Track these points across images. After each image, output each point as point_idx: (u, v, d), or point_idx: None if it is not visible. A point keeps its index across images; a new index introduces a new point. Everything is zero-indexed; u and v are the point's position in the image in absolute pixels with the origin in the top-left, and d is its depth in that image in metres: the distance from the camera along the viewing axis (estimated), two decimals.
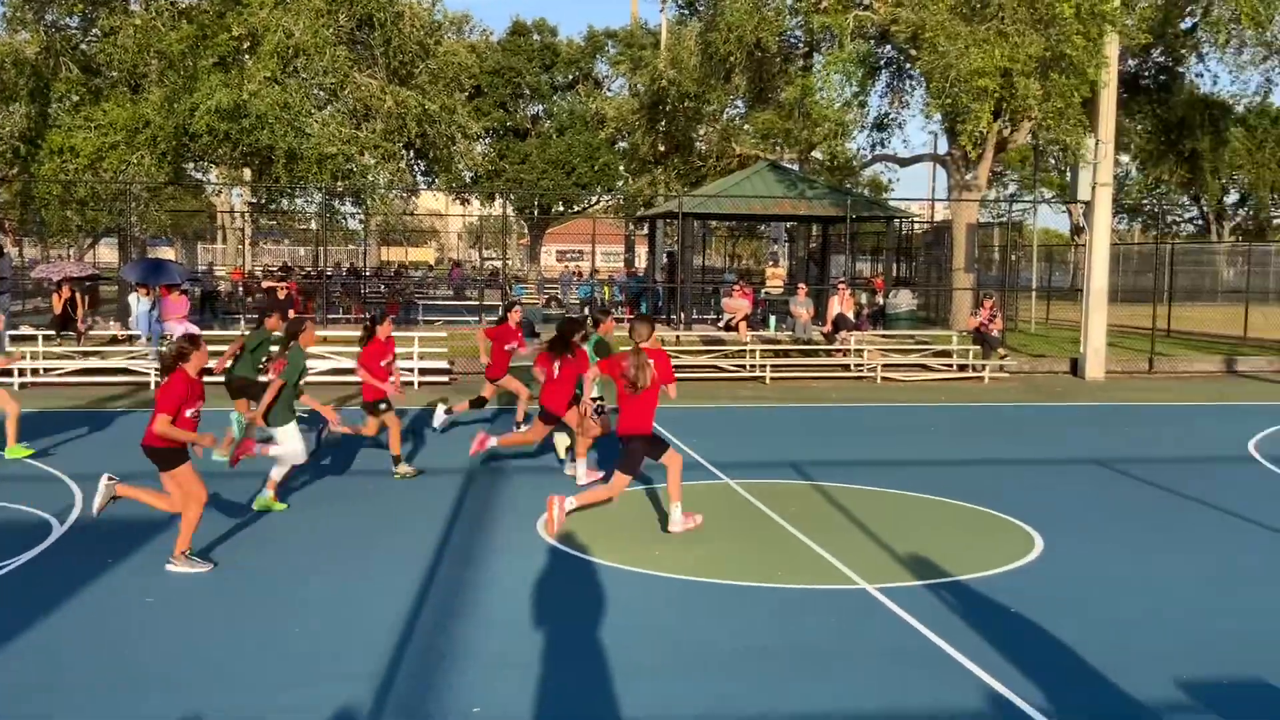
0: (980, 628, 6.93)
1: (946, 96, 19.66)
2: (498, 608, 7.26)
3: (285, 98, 24.33)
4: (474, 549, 8.60)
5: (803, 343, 21.71)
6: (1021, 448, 13.79)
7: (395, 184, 29.26)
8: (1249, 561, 8.61)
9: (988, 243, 37.71)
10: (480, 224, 51.83)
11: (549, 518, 9.01)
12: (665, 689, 6.00)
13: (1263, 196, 56.57)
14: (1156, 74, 32.23)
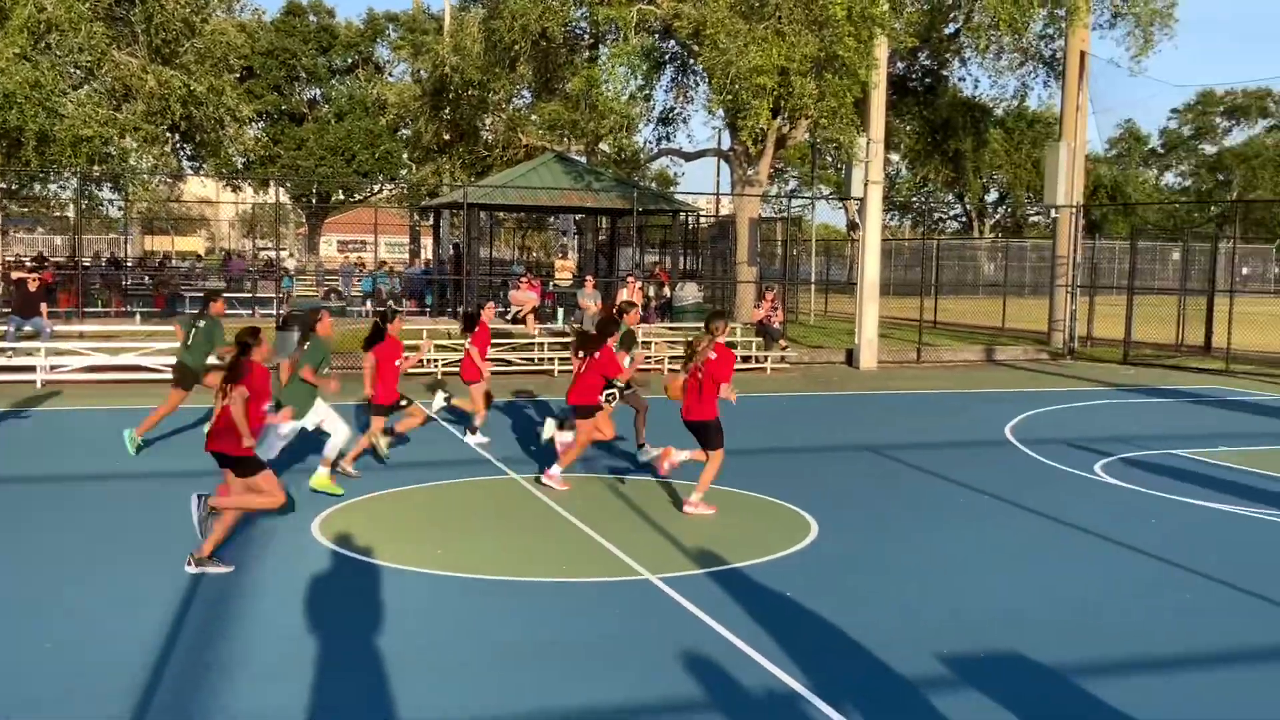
0: (758, 612, 7.18)
1: (727, 93, 20.20)
2: (272, 615, 7.02)
3: (36, 76, 22.73)
4: (246, 554, 8.28)
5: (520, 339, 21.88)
6: (799, 436, 14.34)
7: (159, 169, 27.79)
8: (1007, 540, 9.24)
9: (770, 237, 39.00)
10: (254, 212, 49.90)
11: (663, 465, 9.79)
12: (447, 690, 5.95)
13: (1019, 195, 60.70)
14: (923, 77, 34.05)
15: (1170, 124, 73.29)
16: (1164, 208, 63.02)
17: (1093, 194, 58.14)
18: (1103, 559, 8.68)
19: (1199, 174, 72.66)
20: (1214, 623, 7.19)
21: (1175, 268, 47.66)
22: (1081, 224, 26.73)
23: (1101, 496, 10.91)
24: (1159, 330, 26.23)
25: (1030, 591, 7.83)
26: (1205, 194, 69.25)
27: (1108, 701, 5.85)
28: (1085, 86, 26.71)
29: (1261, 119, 72.49)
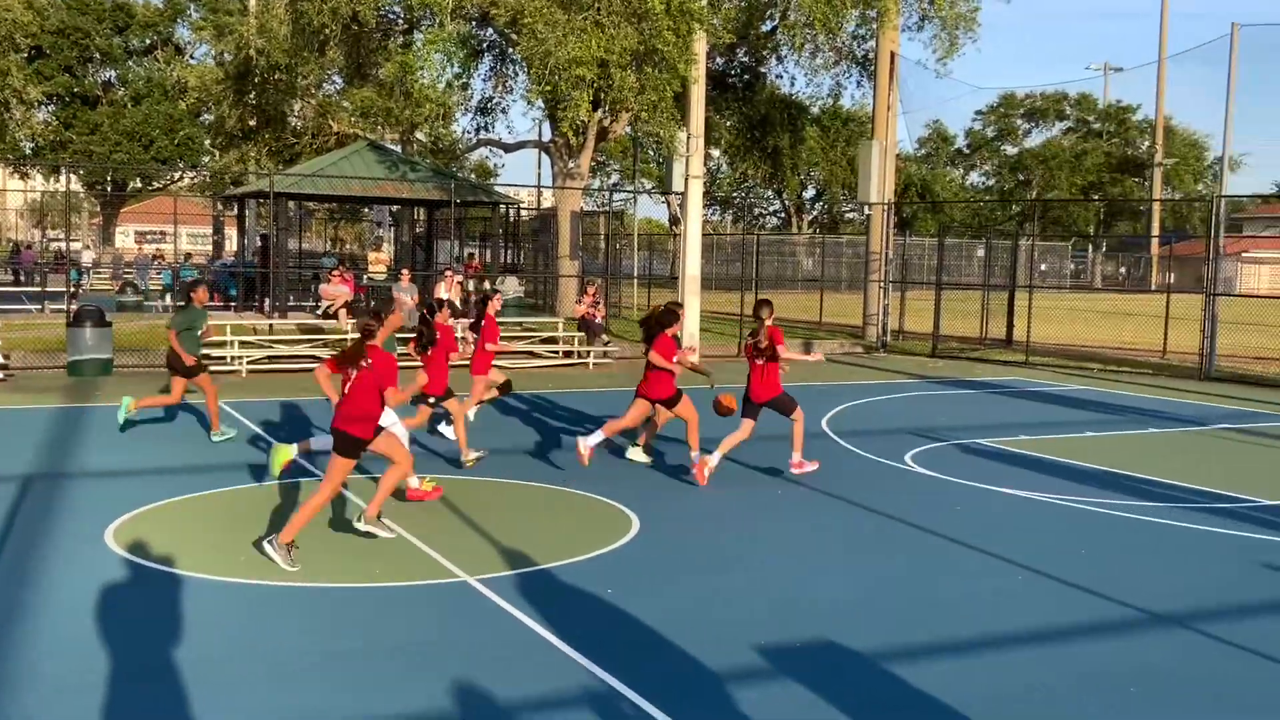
0: (578, 611, 7.16)
1: (546, 84, 20.15)
2: (60, 628, 6.60)
3: None
4: (32, 565, 7.77)
5: (407, 331, 21.46)
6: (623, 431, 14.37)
7: None
8: (823, 531, 9.49)
9: (592, 230, 39.15)
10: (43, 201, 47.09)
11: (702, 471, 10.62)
12: (252, 703, 5.71)
13: (835, 192, 62.75)
14: (742, 73, 34.78)
15: (975, 125, 77.11)
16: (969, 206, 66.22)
17: (904, 192, 60.61)
18: (913, 546, 9.01)
19: (1001, 174, 76.66)
20: (1017, 605, 7.54)
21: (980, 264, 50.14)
22: (893, 221, 27.78)
23: (912, 485, 11.33)
24: (965, 324, 27.50)
25: (844, 581, 8.05)
26: (1007, 193, 73.11)
27: (917, 685, 6.06)
28: (895, 87, 27.75)
29: (1058, 121, 77.03)
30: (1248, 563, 8.62)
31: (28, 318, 24.23)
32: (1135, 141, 73.63)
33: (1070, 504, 10.48)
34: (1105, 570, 8.32)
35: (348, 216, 53.34)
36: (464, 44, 22.39)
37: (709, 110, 25.90)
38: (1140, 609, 7.43)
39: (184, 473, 11.00)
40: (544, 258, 30.68)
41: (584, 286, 23.89)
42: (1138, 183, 72.08)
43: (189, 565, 7.89)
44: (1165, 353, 24.29)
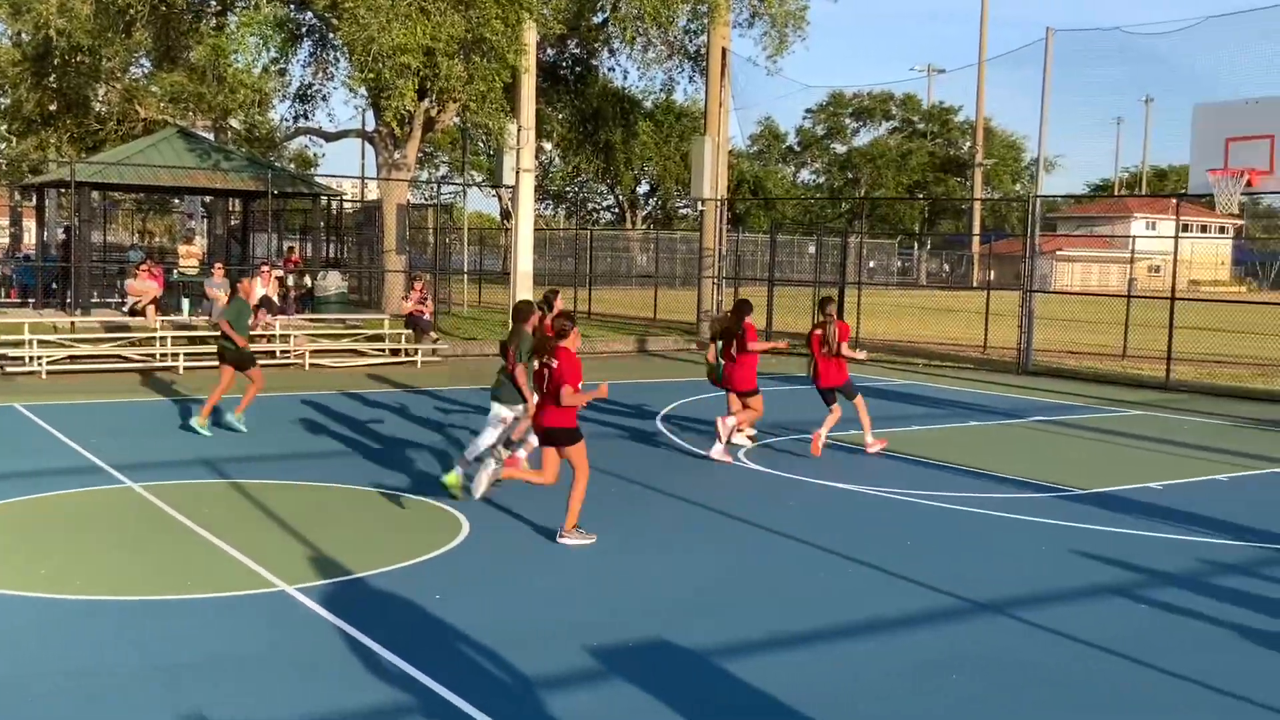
0: (405, 618, 7.02)
1: (370, 71, 19.72)
2: None
3: None
4: None
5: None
6: (450, 432, 14.21)
7: None
8: (656, 527, 9.57)
9: (420, 224, 38.54)
10: None
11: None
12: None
13: (669, 188, 63.40)
14: (573, 66, 34.80)
15: (805, 123, 79.18)
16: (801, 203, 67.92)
17: (736, 188, 61.73)
18: (746, 542, 9.17)
19: (831, 172, 78.96)
20: (848, 598, 7.75)
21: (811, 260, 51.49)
22: (726, 217, 28.25)
23: (745, 481, 11.53)
24: (797, 320, 28.18)
25: (678, 578, 8.13)
26: (836, 191, 75.34)
27: (753, 683, 6.16)
28: (727, 83, 28.22)
29: (885, 121, 79.79)
30: (1061, 550, 9.08)
31: None
32: (957, 142, 76.89)
33: (897, 497, 10.84)
34: (930, 561, 8.64)
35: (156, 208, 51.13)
36: (281, 27, 21.72)
37: (540, 102, 25.86)
38: (963, 598, 7.74)
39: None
40: (369, 252, 30.05)
41: (411, 282, 23.47)
42: (960, 182, 75.30)
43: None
44: (986, 348, 25.40)
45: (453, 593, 7.53)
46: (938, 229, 78.78)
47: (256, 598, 7.37)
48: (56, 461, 11.42)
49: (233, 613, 7.09)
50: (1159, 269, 60.89)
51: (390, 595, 7.46)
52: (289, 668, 6.20)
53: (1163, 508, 10.64)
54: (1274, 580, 8.35)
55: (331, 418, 15.07)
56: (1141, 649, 6.78)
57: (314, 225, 28.86)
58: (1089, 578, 8.32)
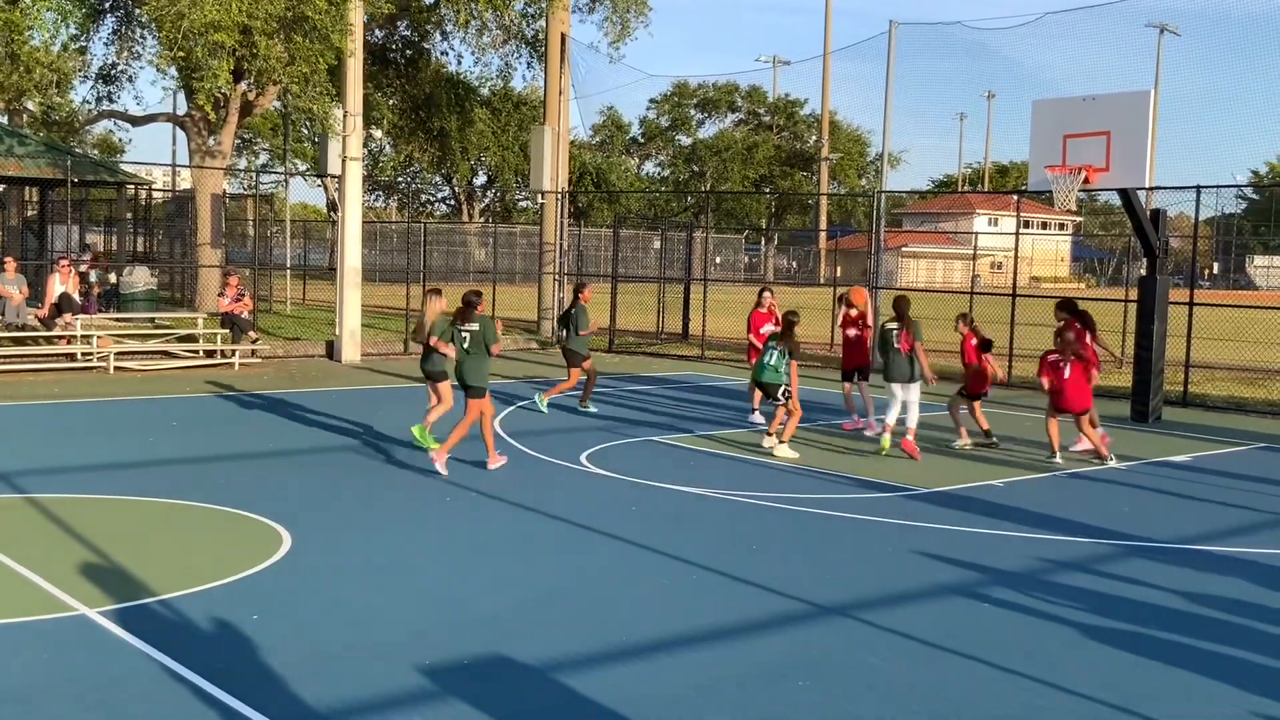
0: (220, 642, 6.81)
1: (180, 50, 19.06)
2: None
3: None
4: None
5: (15, 329, 19.75)
6: (271, 439, 13.85)
7: None
8: (493, 536, 9.50)
9: (239, 216, 37.46)
10: None
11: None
12: None
13: (508, 179, 63.08)
14: (404, 48, 34.32)
15: (649, 114, 79.81)
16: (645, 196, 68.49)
17: (579, 180, 61.86)
18: (587, 549, 9.19)
19: (676, 164, 79.80)
20: (690, 603, 7.84)
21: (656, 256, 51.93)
22: (568, 210, 28.28)
23: (587, 486, 11.56)
24: (642, 318, 28.41)
25: (515, 589, 8.09)
26: (682, 184, 76.19)
27: (591, 695, 6.17)
28: (567, 70, 28.24)
29: (730, 113, 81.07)
30: (903, 551, 9.37)
31: None
32: (803, 136, 78.66)
33: (742, 500, 11.02)
34: (774, 565, 8.81)
35: None
36: (82, 2, 20.81)
37: (369, 87, 25.42)
38: (808, 601, 7.91)
39: None
40: (181, 245, 29.06)
41: (225, 278, 22.78)
42: (806, 177, 77.07)
43: None
44: (833, 345, 26.03)
45: (272, 612, 7.33)
46: (785, 224, 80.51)
47: (52, 623, 7.03)
48: None
49: (26, 639, 6.75)
50: (1001, 265, 63.51)
51: (205, 617, 7.21)
52: (89, 699, 5.93)
53: (1005, 506, 11.09)
54: (1108, 575, 8.79)
55: (138, 426, 14.51)
56: (984, 648, 7.05)
57: (120, 216, 27.75)
58: (932, 577, 8.62)
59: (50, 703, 5.89)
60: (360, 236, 23.41)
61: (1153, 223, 17.19)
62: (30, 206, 30.85)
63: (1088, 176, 16.40)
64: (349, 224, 22.82)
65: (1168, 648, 7.20)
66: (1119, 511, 11.04)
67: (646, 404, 17.85)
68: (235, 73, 20.63)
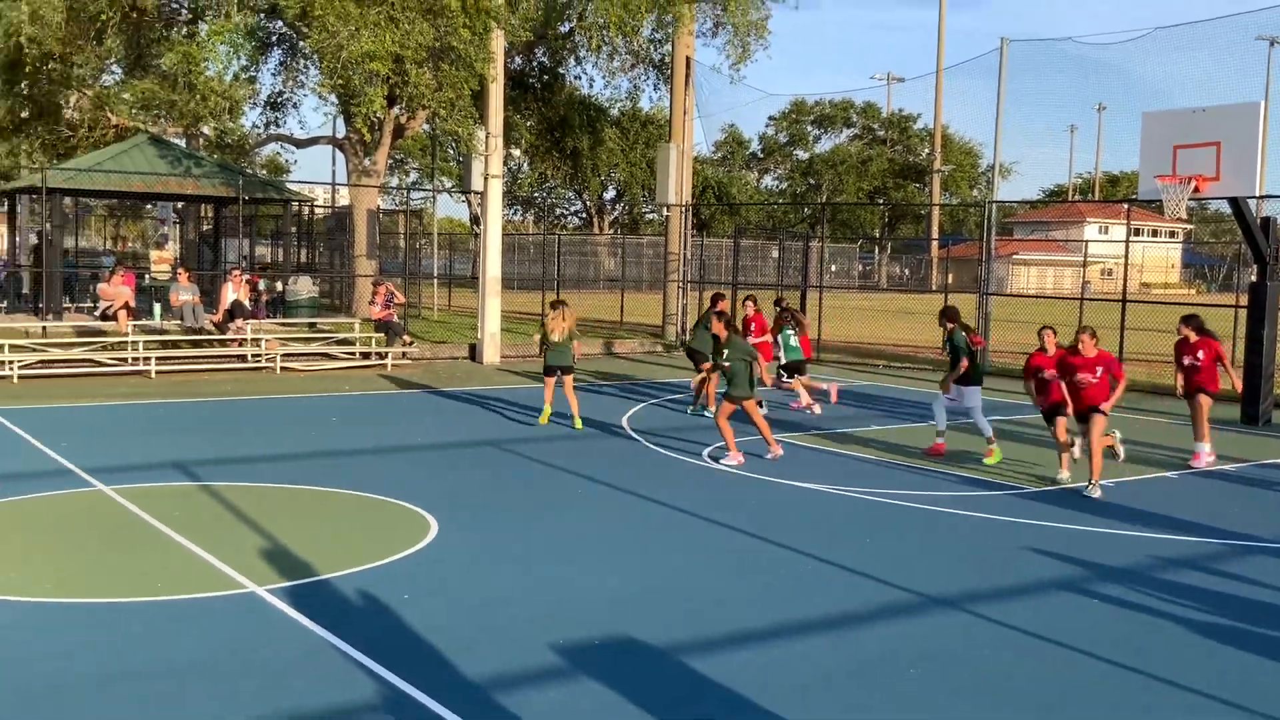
0: (375, 618, 6.99)
1: (339, 78, 19.61)
2: None
3: None
4: None
5: (193, 332, 20.56)
6: (420, 433, 14.16)
7: None
8: (622, 528, 9.56)
9: (391, 229, 38.38)
10: None
11: None
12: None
13: (635, 194, 63.41)
14: (541, 73, 34.72)
15: (768, 130, 79.41)
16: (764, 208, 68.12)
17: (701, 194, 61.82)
18: (709, 540, 9.18)
19: (793, 178, 79.21)
20: (808, 594, 7.78)
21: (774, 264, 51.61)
22: (691, 222, 28.29)
23: (709, 481, 11.55)
24: None
25: (642, 575, 8.13)
26: (799, 196, 75.59)
27: (716, 679, 6.16)
28: (691, 91, 28.27)
29: (846, 128, 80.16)
30: (1013, 547, 9.15)
31: None
32: (916, 149, 77.35)
33: (856, 495, 10.89)
34: (888, 558, 8.68)
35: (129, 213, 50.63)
36: (252, 35, 21.56)
37: (508, 110, 25.79)
38: (919, 594, 7.78)
39: None
40: (340, 257, 29.89)
41: (375, 287, 23.37)
42: (918, 188, 75.76)
43: None
44: (941, 350, 25.51)
45: (421, 593, 7.50)
46: (897, 233, 79.26)
47: (226, 599, 7.31)
48: (27, 465, 11.28)
49: (202, 614, 7.02)
50: (1111, 272, 61.51)
51: (360, 596, 7.42)
52: (258, 668, 6.15)
53: (1113, 505, 10.75)
54: (1218, 574, 8.45)
55: (302, 421, 14.98)
56: (1093, 643, 6.85)
57: (285, 230, 28.67)
58: (1041, 573, 8.40)
59: (224, 671, 6.12)
60: (500, 248, 23.79)
61: (1263, 230, 16.48)
62: (205, 222, 32.03)
63: (1197, 186, 15.81)
64: (490, 236, 23.20)
65: (1279, 646, 6.89)
66: (1228, 512, 10.60)
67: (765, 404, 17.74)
68: (389, 98, 21.17)
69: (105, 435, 13.30)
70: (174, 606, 7.15)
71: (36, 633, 6.63)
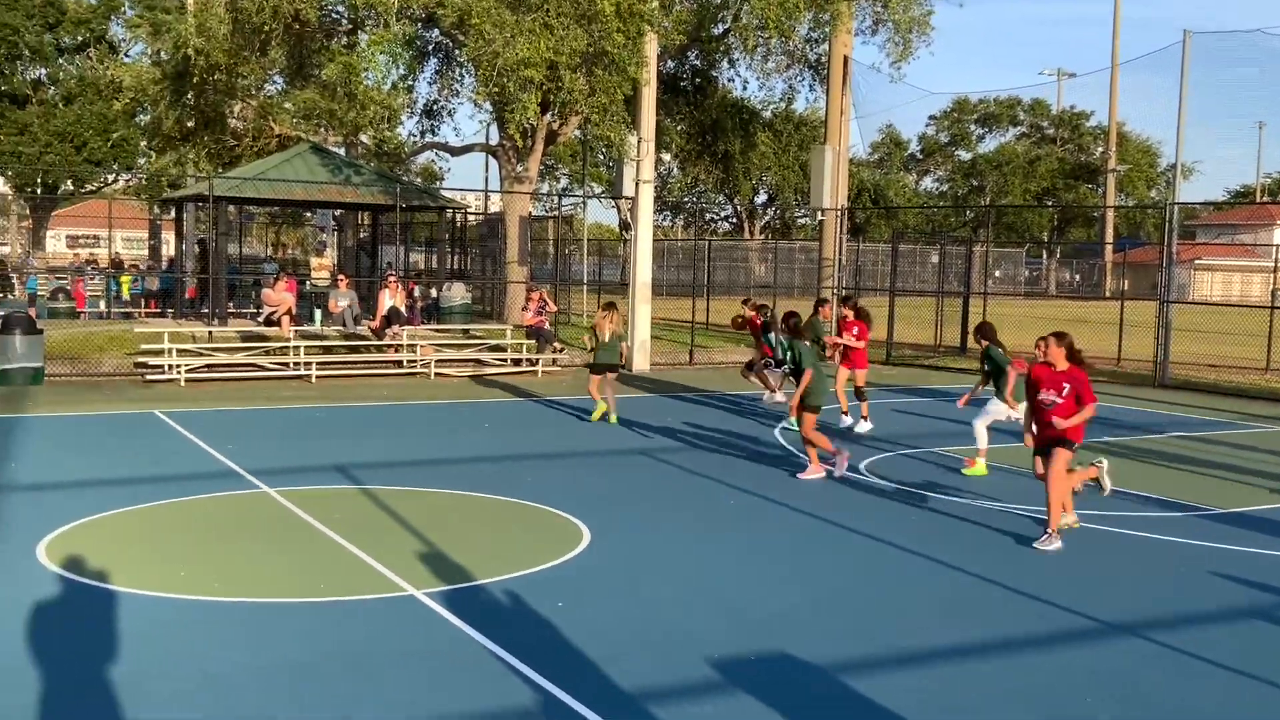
0: (529, 624, 7.16)
1: (494, 85, 20.12)
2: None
3: None
4: None
5: (351, 337, 21.34)
6: (572, 440, 14.41)
7: None
8: (776, 541, 9.55)
9: (541, 236, 39.11)
10: None
11: None
12: (190, 718, 5.66)
13: (788, 198, 63.04)
14: (693, 77, 34.88)
15: (928, 130, 77.89)
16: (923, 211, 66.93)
17: (856, 197, 61.12)
18: (868, 554, 9.09)
19: (955, 179, 77.51)
20: (970, 614, 7.64)
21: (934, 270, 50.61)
22: (846, 226, 28.02)
23: (867, 494, 11.43)
24: (919, 331, 27.78)
25: (797, 590, 8.11)
26: (960, 199, 73.95)
27: (874, 698, 6.12)
28: (849, 91, 28.03)
29: (1012, 127, 78.04)
30: (1198, 571, 8.80)
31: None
32: (1089, 148, 74.80)
33: (1023, 513, 10.63)
34: (1059, 579, 8.45)
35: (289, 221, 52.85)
36: (410, 45, 22.29)
37: (660, 114, 26.00)
38: (1093, 618, 7.56)
39: (118, 485, 10.84)
40: (492, 263, 30.61)
41: (527, 293, 23.85)
42: (1091, 189, 73.22)
43: (124, 580, 7.79)
44: (1120, 360, 24.68)
45: (575, 601, 7.65)
46: (1068, 237, 76.77)
47: (386, 601, 7.59)
48: (194, 467, 11.91)
49: (363, 615, 7.31)
50: None
51: (515, 602, 7.61)
52: (418, 670, 6.38)
53: None
54: None
55: (456, 426, 15.39)
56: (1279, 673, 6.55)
57: (439, 238, 29.54)
58: (1228, 599, 8.06)
59: (386, 670, 6.37)
60: (650, 253, 24.00)
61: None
62: (363, 229, 33.21)
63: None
64: (640, 242, 23.44)
65: None
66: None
67: (926, 416, 17.47)
68: (542, 105, 21.59)
69: (269, 438, 13.92)
70: (335, 607, 7.46)
71: (203, 629, 7.00)
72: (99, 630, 6.86)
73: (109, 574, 7.93)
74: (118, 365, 19.59)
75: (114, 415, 15.32)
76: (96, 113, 44.97)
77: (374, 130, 26.09)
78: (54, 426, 14.29)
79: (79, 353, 19.75)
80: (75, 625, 6.98)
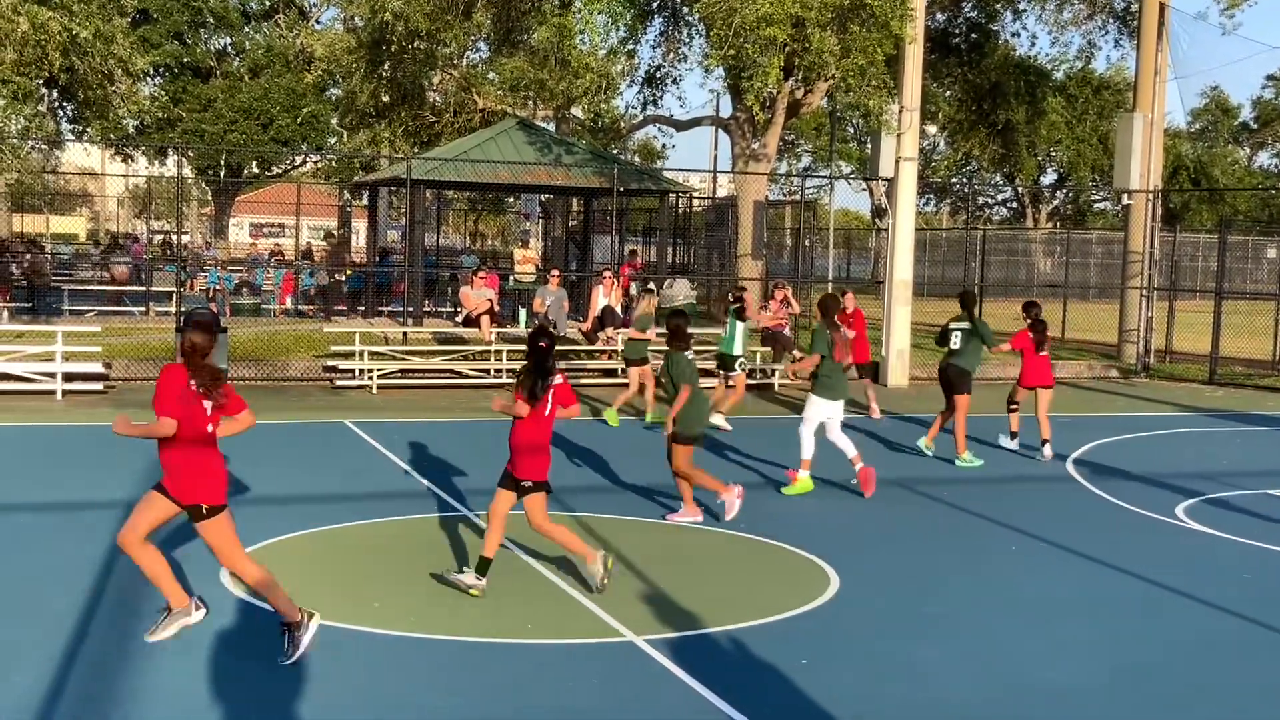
0: (761, 680, 7.21)
1: (729, 48, 20.27)
2: (170, 676, 7.00)
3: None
4: (137, 604, 8.25)
5: (560, 342, 21.89)
6: (815, 467, 14.33)
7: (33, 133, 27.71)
8: (1065, 597, 9.29)
9: (778, 224, 39.16)
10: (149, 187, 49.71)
11: None
12: None
13: (1083, 177, 61.00)
14: (968, 32, 34.27)
15: (1266, 94, 73.89)
16: (1258, 195, 63.59)
17: (1173, 176, 58.62)
18: (1182, 619, 8.75)
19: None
20: None
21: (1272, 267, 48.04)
22: (1159, 213, 26.95)
23: (1184, 545, 11.00)
24: (1253, 344, 26.42)
25: (1088, 662, 7.88)
26: None
27: None
28: (1165, 46, 26.95)
29: None
30: None
31: (130, 321, 25.62)
32: None
33: None
34: None
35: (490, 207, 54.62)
36: (631, 3, 22.72)
37: (926, 78, 25.66)
38: None
39: (304, 503, 11.47)
40: (719, 256, 30.81)
41: (769, 291, 23.78)
42: None
43: (317, 610, 8.24)
44: None
45: (818, 656, 7.65)
46: None
47: (601, 647, 7.78)
48: (388, 485, 12.48)
49: (575, 661, 7.52)
50: None
51: (748, 654, 7.67)
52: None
53: None
54: None
55: None
56: None
57: (660, 226, 29.94)
58: None
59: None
60: (911, 245, 23.70)
61: None
62: (574, 216, 34.02)
63: None
64: (900, 231, 23.17)
65: None
66: None
67: (1261, 450, 16.62)
68: (785, 69, 21.63)
69: (469, 455, 14.40)
70: (544, 651, 7.70)
71: (399, 671, 7.35)
72: (284, 666, 7.28)
73: (296, 603, 8.40)
74: (305, 369, 20.60)
75: (300, 425, 16.21)
76: (285, 86, 47.51)
77: (588, 102, 26.71)
78: (236, 437, 15.20)
79: (264, 354, 20.94)
80: (259, 655, 7.44)
